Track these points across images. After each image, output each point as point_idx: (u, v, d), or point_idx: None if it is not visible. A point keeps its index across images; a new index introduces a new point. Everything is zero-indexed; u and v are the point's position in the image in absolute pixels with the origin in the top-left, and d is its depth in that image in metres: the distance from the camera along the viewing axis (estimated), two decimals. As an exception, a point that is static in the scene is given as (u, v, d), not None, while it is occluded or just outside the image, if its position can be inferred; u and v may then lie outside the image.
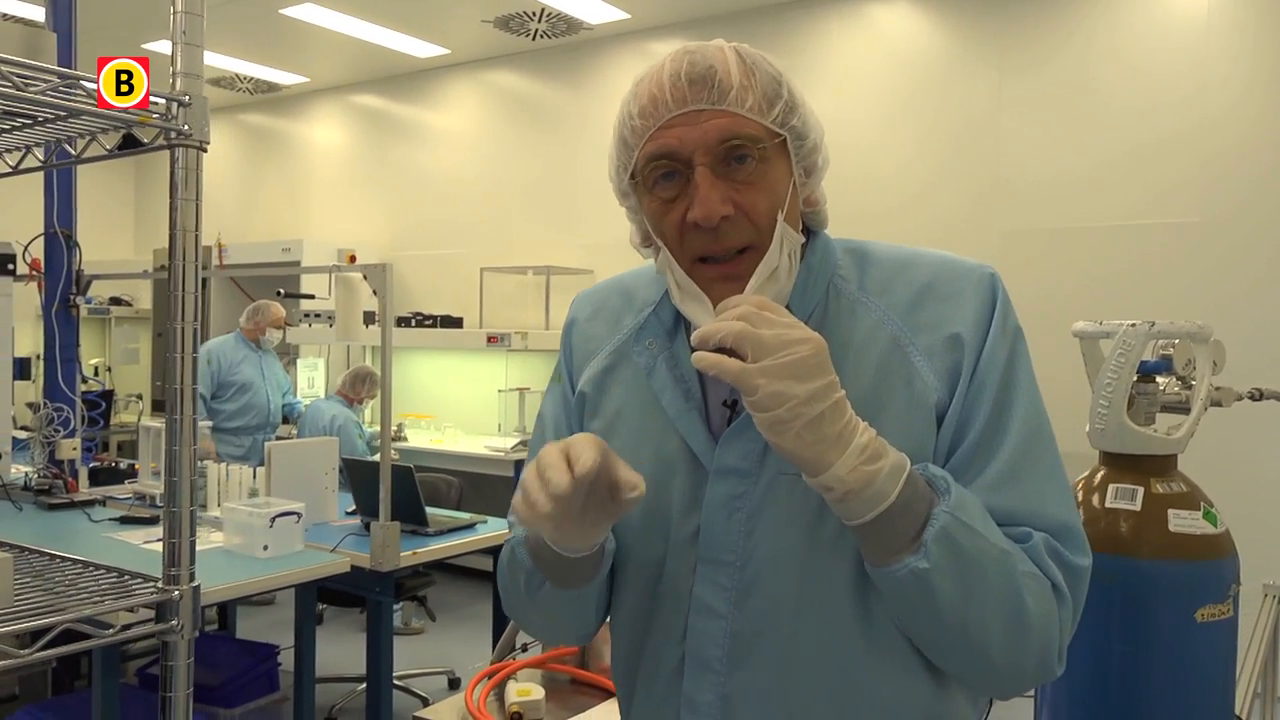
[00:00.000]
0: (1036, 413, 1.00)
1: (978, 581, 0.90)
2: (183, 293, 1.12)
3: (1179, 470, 1.84)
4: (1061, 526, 0.97)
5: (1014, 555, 0.93)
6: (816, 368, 0.88)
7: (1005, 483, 0.96)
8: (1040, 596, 0.93)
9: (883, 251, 1.08)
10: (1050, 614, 0.94)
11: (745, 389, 0.87)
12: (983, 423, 0.97)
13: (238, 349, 5.81)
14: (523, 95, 6.97)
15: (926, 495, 0.91)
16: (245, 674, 3.74)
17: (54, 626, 0.97)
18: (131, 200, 9.53)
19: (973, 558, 0.90)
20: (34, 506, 3.64)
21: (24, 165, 1.30)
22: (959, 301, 1.01)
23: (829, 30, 5.67)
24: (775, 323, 0.88)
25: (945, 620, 0.92)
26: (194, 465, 1.11)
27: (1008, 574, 0.91)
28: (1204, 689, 1.75)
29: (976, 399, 0.98)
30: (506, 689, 1.94)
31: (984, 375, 0.98)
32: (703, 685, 1.02)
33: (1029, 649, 0.93)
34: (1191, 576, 1.72)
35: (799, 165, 1.02)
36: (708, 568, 1.01)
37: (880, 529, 0.90)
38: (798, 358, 0.87)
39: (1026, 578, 0.93)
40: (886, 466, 0.88)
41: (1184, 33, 4.70)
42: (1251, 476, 4.24)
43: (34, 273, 3.96)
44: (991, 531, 0.92)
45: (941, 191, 5.28)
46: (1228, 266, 4.55)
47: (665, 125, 0.98)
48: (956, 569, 0.89)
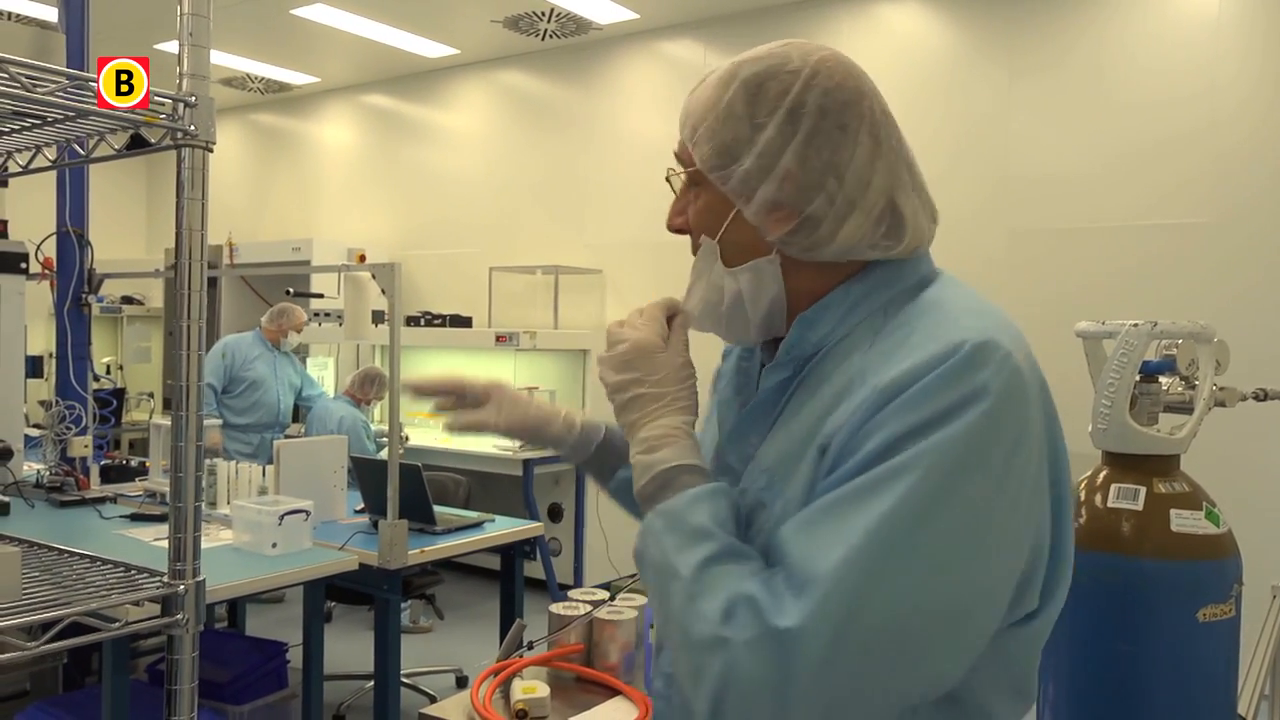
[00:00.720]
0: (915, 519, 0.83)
1: (656, 588, 0.96)
2: (189, 291, 1.14)
3: (1182, 470, 1.84)
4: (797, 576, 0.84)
5: (693, 585, 0.88)
6: (624, 364, 1.03)
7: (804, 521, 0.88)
8: (699, 638, 0.86)
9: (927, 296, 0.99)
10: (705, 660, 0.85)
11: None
12: (844, 472, 0.88)
13: (254, 346, 5.86)
14: (532, 95, 6.99)
15: (666, 498, 0.98)
16: (254, 671, 3.76)
17: (61, 620, 0.98)
18: (144, 199, 9.57)
19: (654, 565, 0.95)
20: (45, 503, 3.66)
21: (34, 165, 1.31)
22: (905, 355, 0.90)
23: (839, 30, 5.67)
24: (627, 321, 1.07)
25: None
26: (200, 461, 1.12)
27: (676, 597, 0.91)
28: (1206, 689, 1.75)
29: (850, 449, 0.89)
30: (512, 687, 1.95)
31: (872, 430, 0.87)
32: (668, 657, 1.10)
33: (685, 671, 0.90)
34: (1193, 576, 1.72)
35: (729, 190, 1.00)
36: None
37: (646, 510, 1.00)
38: (615, 353, 1.04)
39: (694, 616, 0.87)
40: (650, 460, 0.99)
41: (1193, 32, 4.69)
42: (1256, 477, 4.23)
43: (46, 271, 3.98)
44: (683, 554, 0.91)
45: (949, 190, 5.26)
46: (1235, 266, 4.53)
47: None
48: (648, 567, 0.97)
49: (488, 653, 3.29)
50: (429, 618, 5.32)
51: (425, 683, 4.40)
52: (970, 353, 0.87)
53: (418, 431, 6.44)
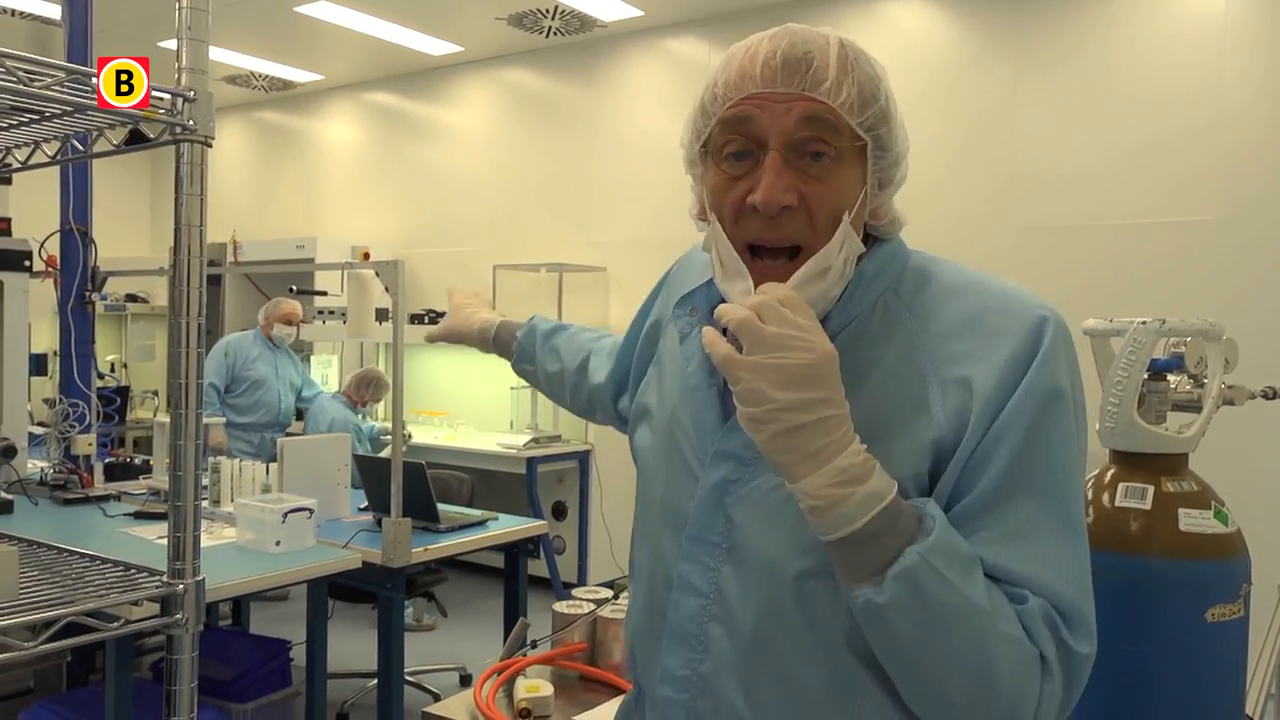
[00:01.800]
0: (1065, 485, 0.92)
1: (940, 632, 0.86)
2: (187, 288, 1.13)
3: (1190, 469, 1.82)
4: (1068, 604, 0.89)
5: (994, 615, 0.86)
6: (807, 379, 0.85)
7: (1012, 540, 0.90)
8: (1018, 663, 0.87)
9: (946, 273, 1.02)
10: (1026, 684, 0.87)
11: (730, 378, 0.86)
12: (996, 477, 0.90)
13: (255, 345, 5.87)
14: (536, 93, 6.98)
15: (906, 532, 0.86)
16: (258, 669, 3.76)
17: (58, 620, 0.98)
18: (147, 196, 9.58)
19: (937, 607, 0.85)
20: (49, 501, 3.66)
21: (33, 160, 1.31)
22: (994, 342, 0.93)
23: (844, 26, 5.57)
24: (787, 321, 0.85)
25: (904, 661, 0.89)
26: (199, 460, 1.11)
27: (978, 631, 0.86)
28: (1215, 689, 1.74)
29: (992, 452, 0.91)
30: (515, 685, 1.94)
31: (1004, 429, 0.90)
32: (679, 659, 1.03)
33: (995, 709, 0.87)
34: (1202, 576, 1.70)
35: (875, 175, 0.98)
36: (693, 545, 1.03)
37: (845, 553, 0.87)
38: (789, 364, 0.84)
39: (1003, 640, 0.86)
40: (860, 493, 0.85)
41: (1199, 29, 4.66)
42: (1264, 475, 4.20)
43: (50, 269, 3.98)
44: (971, 585, 0.86)
45: (956, 188, 5.26)
46: (1242, 263, 4.51)
47: (750, 97, 0.95)
48: (917, 614, 0.85)
49: (491, 651, 3.29)
50: (432, 615, 5.32)
51: (429, 681, 4.39)
52: (1042, 324, 0.93)
53: (421, 429, 6.44)
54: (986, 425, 0.91)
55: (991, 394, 0.91)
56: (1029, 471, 0.90)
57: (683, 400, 1.08)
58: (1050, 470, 0.91)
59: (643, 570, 1.13)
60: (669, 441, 1.09)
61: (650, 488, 1.13)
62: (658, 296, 1.29)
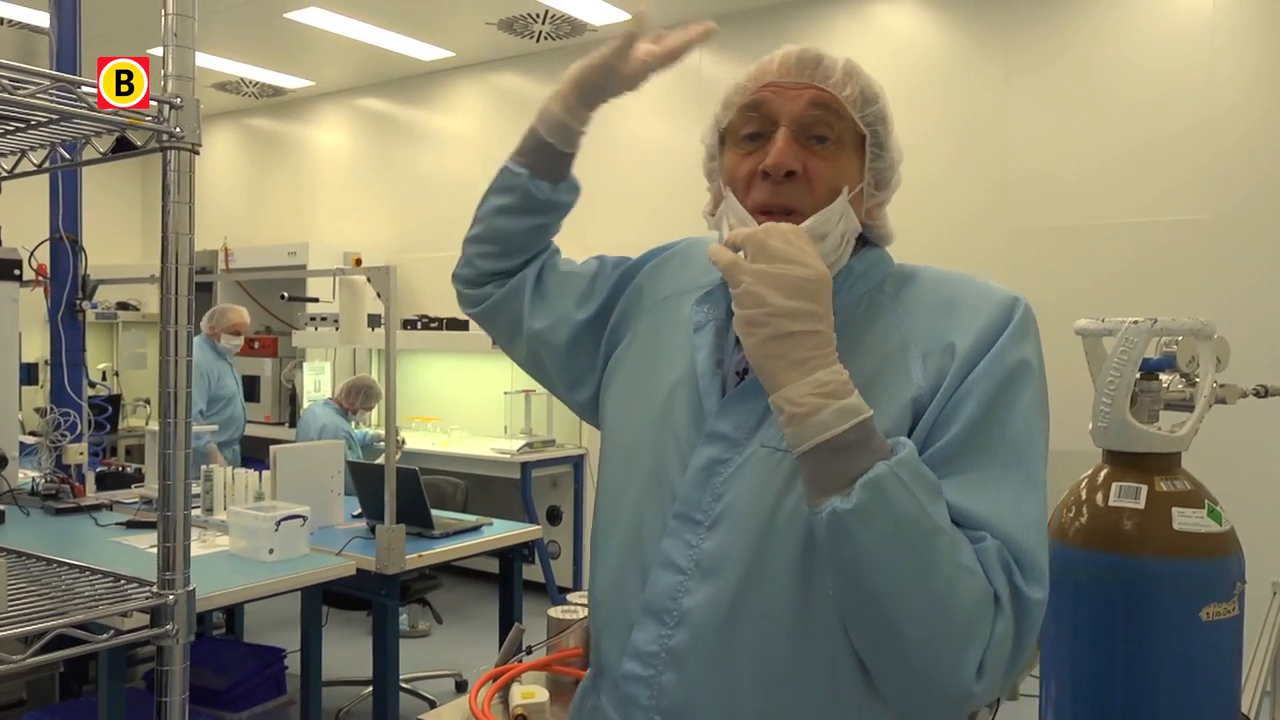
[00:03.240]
0: (1027, 445, 0.97)
1: (901, 544, 0.87)
2: (175, 296, 1.12)
3: (1183, 468, 1.83)
4: (1023, 549, 0.92)
5: (956, 542, 0.90)
6: (803, 291, 0.91)
7: (974, 485, 0.94)
8: (973, 596, 0.89)
9: (928, 273, 1.11)
10: (980, 618, 0.89)
11: (731, 281, 0.93)
12: (963, 428, 0.96)
13: (217, 360, 5.59)
14: (527, 97, 6.97)
15: (879, 451, 0.89)
16: (252, 678, 3.75)
17: (47, 632, 0.97)
18: (138, 204, 9.55)
19: (901, 519, 0.87)
20: (41, 511, 3.64)
21: (19, 169, 1.30)
22: (971, 317, 1.02)
23: (834, 29, 5.66)
24: (791, 241, 0.94)
25: (860, 578, 0.89)
26: (189, 469, 1.11)
27: (939, 552, 0.88)
28: (1210, 688, 1.74)
29: (960, 405, 0.97)
30: (511, 691, 1.93)
31: (973, 385, 0.97)
32: (650, 634, 1.05)
33: (946, 639, 0.89)
34: (1196, 575, 1.70)
35: (872, 173, 1.08)
36: (679, 523, 1.06)
37: (817, 464, 0.90)
38: (788, 273, 0.91)
39: (961, 570, 0.89)
40: (838, 405, 0.89)
41: (1189, 29, 4.68)
42: (1256, 473, 4.21)
43: (40, 278, 3.97)
44: (936, 508, 0.90)
45: (948, 189, 5.26)
46: (1234, 263, 4.52)
47: (766, 85, 1.07)
48: (881, 523, 0.87)
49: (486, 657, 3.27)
50: (427, 621, 5.31)
51: (424, 687, 4.38)
52: (1015, 303, 1.02)
53: (414, 435, 6.43)
54: (959, 381, 0.98)
55: (966, 354, 0.99)
56: (996, 427, 0.96)
57: (684, 385, 1.12)
58: (1015, 429, 0.97)
59: (617, 545, 1.13)
60: (660, 422, 1.12)
61: (627, 468, 1.14)
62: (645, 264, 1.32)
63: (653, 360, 1.18)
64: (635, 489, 1.12)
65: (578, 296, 1.32)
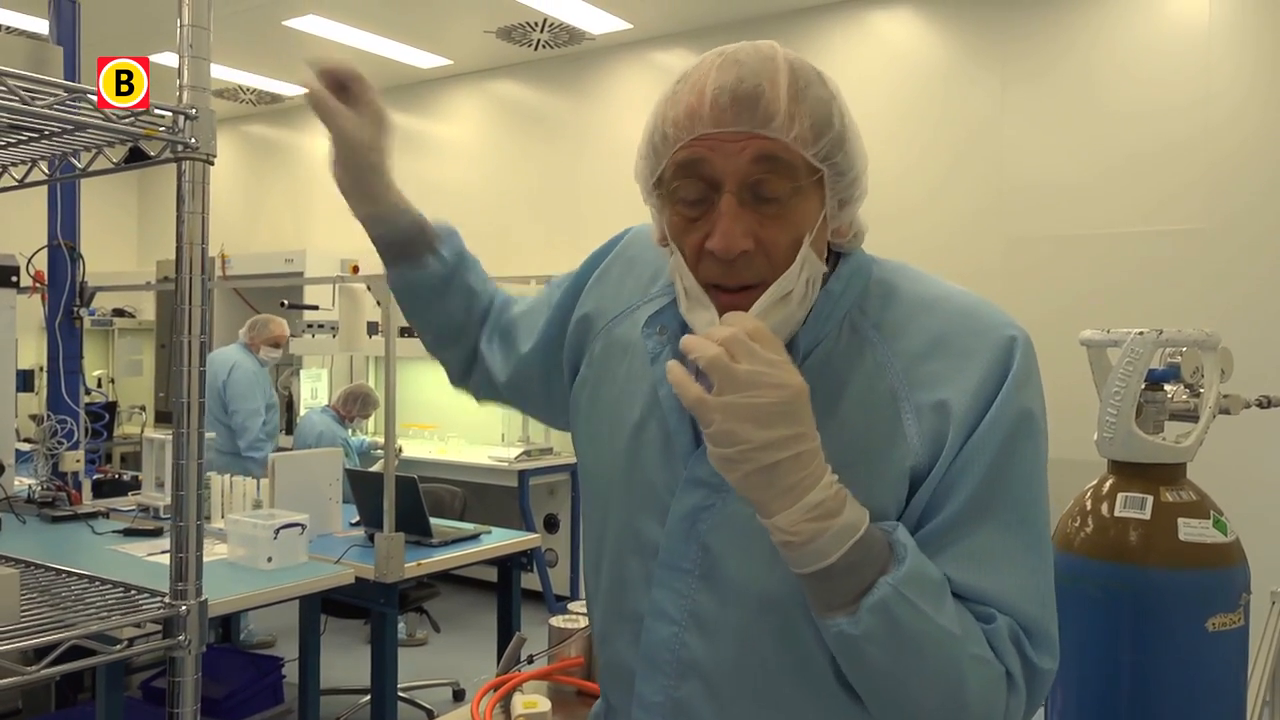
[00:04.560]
0: (1031, 505, 0.94)
1: (913, 659, 0.87)
2: (189, 306, 1.12)
3: (1188, 478, 1.83)
4: (1032, 622, 0.92)
5: (963, 639, 0.88)
6: (781, 416, 0.83)
7: (980, 561, 0.91)
8: (986, 683, 0.89)
9: (911, 288, 1.02)
10: (994, 701, 0.90)
11: (701, 420, 0.84)
12: (966, 498, 0.92)
13: (261, 370, 5.51)
14: (525, 105, 6.98)
15: (879, 561, 0.86)
16: (250, 686, 3.74)
17: (61, 643, 0.96)
18: (135, 212, 9.53)
19: (909, 635, 0.86)
20: (37, 519, 3.63)
21: (30, 179, 1.30)
22: (965, 364, 0.94)
23: (832, 39, 5.67)
24: (757, 357, 0.83)
25: (876, 685, 0.91)
26: (201, 479, 1.10)
27: (949, 657, 0.87)
28: (1216, 699, 1.73)
29: (962, 473, 0.92)
30: (513, 701, 1.92)
31: (974, 452, 0.92)
32: (654, 686, 1.03)
33: None
34: (1202, 586, 1.70)
35: (834, 198, 0.95)
36: (665, 573, 1.02)
37: (818, 585, 0.87)
38: (762, 402, 0.82)
39: (973, 661, 0.88)
40: (835, 527, 0.84)
41: (1186, 39, 4.70)
42: (1258, 484, 4.22)
43: (37, 285, 3.96)
44: (942, 612, 0.87)
45: (945, 199, 5.28)
46: (1232, 273, 4.54)
47: (700, 139, 0.92)
48: (891, 643, 0.86)
49: (484, 665, 3.27)
50: (424, 630, 5.29)
51: (422, 696, 4.36)
52: (1012, 344, 0.95)
53: (412, 443, 6.42)
54: (959, 446, 0.92)
55: (965, 416, 0.93)
56: (998, 492, 0.92)
57: (651, 420, 1.05)
58: (1019, 491, 0.93)
59: (602, 594, 1.11)
60: (631, 461, 1.06)
61: (605, 506, 1.10)
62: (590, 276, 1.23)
63: (612, 391, 1.11)
64: (613, 535, 1.09)
65: (532, 333, 1.24)
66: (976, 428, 0.92)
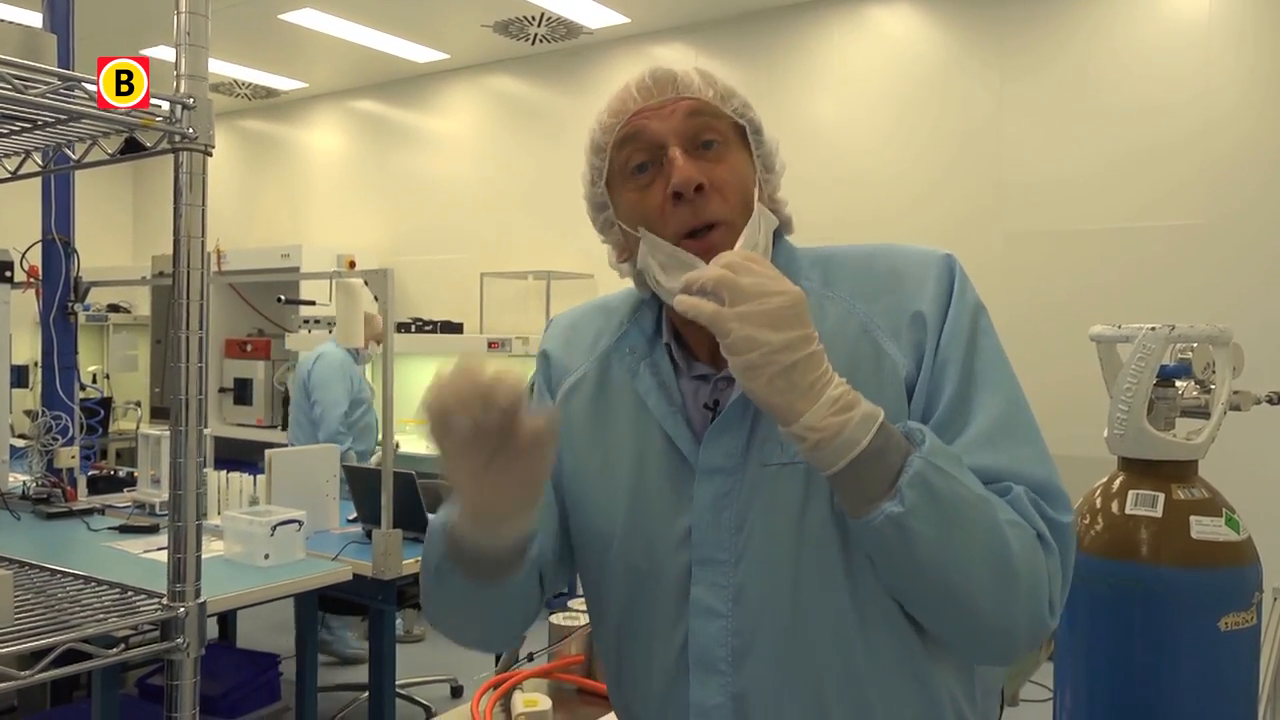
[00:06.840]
0: (1007, 380, 1.03)
1: (957, 525, 0.91)
2: (187, 300, 1.09)
3: (1199, 476, 1.81)
4: (1042, 484, 0.98)
5: (994, 502, 0.94)
6: (792, 318, 0.89)
7: (982, 445, 0.98)
8: (1025, 543, 0.94)
9: (844, 252, 1.12)
10: (1037, 561, 0.95)
11: (719, 332, 0.89)
12: (952, 392, 1.00)
13: (348, 362, 5.13)
14: (522, 100, 6.95)
15: (901, 445, 0.91)
16: (246, 684, 3.71)
17: (55, 647, 0.94)
18: (130, 206, 9.49)
19: (950, 502, 0.90)
20: (32, 515, 3.60)
21: (23, 170, 1.27)
22: (920, 284, 1.05)
23: (830, 34, 5.65)
24: (756, 272, 0.90)
25: (927, 569, 0.92)
26: (199, 477, 1.08)
27: (988, 519, 0.92)
28: (1228, 698, 1.72)
29: (943, 371, 1.01)
30: (513, 699, 1.91)
31: (948, 349, 1.01)
32: (710, 688, 1.03)
33: (1017, 596, 0.94)
34: (1215, 584, 1.68)
35: (759, 158, 1.08)
36: (702, 569, 1.03)
37: (854, 477, 0.90)
38: (774, 306, 0.89)
39: (1009, 525, 0.93)
40: (857, 416, 0.89)
41: (1185, 35, 4.68)
42: (1267, 481, 4.19)
43: (32, 280, 3.92)
44: (969, 479, 0.93)
45: (944, 194, 5.26)
46: (1232, 268, 4.53)
47: (635, 114, 1.05)
48: (934, 513, 0.90)
49: (482, 662, 3.24)
50: (422, 626, 5.26)
51: (419, 693, 4.34)
52: (949, 259, 1.07)
53: (409, 439, 6.39)
54: (936, 344, 1.02)
55: (935, 320, 1.03)
56: (979, 371, 1.01)
57: (647, 438, 1.08)
58: (993, 366, 1.03)
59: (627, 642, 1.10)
60: (635, 489, 1.07)
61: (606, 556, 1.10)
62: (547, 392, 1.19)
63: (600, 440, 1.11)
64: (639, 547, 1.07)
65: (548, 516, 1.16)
66: (944, 324, 1.02)
